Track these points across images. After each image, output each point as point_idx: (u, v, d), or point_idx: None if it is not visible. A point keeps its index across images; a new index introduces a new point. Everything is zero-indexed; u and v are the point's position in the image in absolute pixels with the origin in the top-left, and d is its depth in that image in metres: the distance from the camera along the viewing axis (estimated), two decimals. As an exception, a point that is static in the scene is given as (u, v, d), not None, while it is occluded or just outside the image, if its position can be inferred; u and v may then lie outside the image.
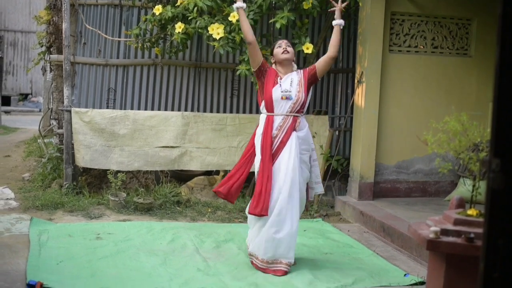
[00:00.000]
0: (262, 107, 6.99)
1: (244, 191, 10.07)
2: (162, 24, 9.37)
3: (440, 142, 4.38)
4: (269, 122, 6.85)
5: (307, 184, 7.09)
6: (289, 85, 6.90)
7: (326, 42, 10.65)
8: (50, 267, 6.49)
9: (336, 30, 7.22)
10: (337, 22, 7.22)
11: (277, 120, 6.84)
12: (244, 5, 6.98)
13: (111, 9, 10.33)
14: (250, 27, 7.01)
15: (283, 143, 6.78)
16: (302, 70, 7.11)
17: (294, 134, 6.81)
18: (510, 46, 2.29)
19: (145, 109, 10.34)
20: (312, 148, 7.09)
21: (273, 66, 7.08)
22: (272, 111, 6.88)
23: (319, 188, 7.23)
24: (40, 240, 7.43)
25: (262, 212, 6.66)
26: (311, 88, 7.13)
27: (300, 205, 6.89)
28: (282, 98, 6.83)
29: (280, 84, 6.89)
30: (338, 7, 7.25)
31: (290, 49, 7.04)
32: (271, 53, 7.11)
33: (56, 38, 10.73)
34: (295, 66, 7.17)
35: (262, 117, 6.99)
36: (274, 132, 6.81)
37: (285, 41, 7.13)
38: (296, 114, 6.87)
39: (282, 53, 7.00)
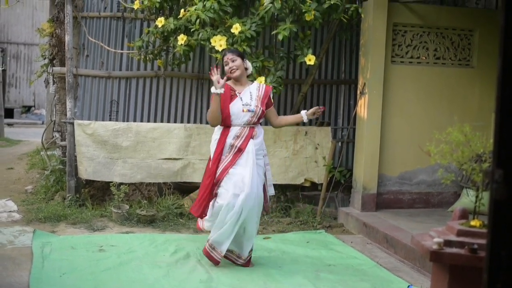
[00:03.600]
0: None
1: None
2: (164, 36, 9.39)
3: (443, 153, 4.38)
4: (225, 133, 7.14)
5: (265, 195, 7.37)
6: (249, 98, 7.20)
7: (328, 53, 10.71)
8: (53, 280, 6.50)
9: (298, 119, 7.62)
10: (304, 115, 7.45)
11: (234, 130, 7.12)
12: (222, 90, 7.02)
13: (113, 21, 10.35)
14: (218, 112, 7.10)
15: (240, 150, 7.05)
16: (263, 87, 7.39)
17: (251, 141, 7.11)
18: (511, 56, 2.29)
19: (148, 121, 10.34)
20: (265, 154, 7.33)
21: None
22: (229, 124, 7.14)
23: (271, 191, 7.51)
24: (43, 253, 7.43)
25: (202, 215, 7.23)
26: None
27: (258, 205, 7.10)
28: (243, 110, 7.12)
29: (241, 98, 7.17)
30: (317, 112, 7.48)
31: (236, 63, 7.20)
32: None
33: (59, 51, 10.74)
34: (250, 68, 7.42)
35: (218, 128, 7.25)
36: (231, 141, 7.08)
37: (229, 56, 7.27)
38: (253, 125, 7.18)
39: (231, 72, 7.21)
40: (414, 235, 4.63)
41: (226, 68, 7.23)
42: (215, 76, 6.96)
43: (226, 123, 7.14)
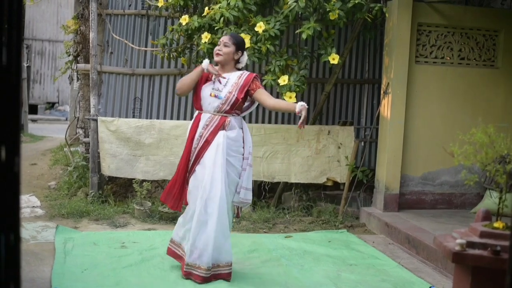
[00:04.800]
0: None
1: (268, 201, 10.08)
2: (188, 34, 9.41)
3: (466, 154, 4.36)
4: (196, 119, 6.71)
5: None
6: (223, 84, 6.68)
7: (352, 52, 10.68)
8: (75, 275, 6.53)
9: (290, 105, 6.73)
10: (298, 107, 6.46)
11: (204, 118, 6.65)
12: (207, 69, 6.67)
13: (138, 19, 10.38)
14: (190, 84, 6.79)
15: (207, 142, 6.57)
16: (246, 75, 6.76)
17: (222, 132, 6.56)
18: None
19: (171, 118, 10.37)
20: (249, 152, 6.76)
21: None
22: (201, 108, 6.71)
23: (243, 194, 6.69)
24: (65, 248, 7.47)
25: (173, 208, 6.79)
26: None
27: (227, 208, 6.54)
28: (210, 95, 6.63)
29: (214, 81, 6.69)
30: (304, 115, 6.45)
31: (225, 49, 6.70)
32: None
33: (83, 47, 10.80)
34: (243, 62, 6.89)
35: (195, 113, 6.84)
36: (201, 130, 6.62)
37: (225, 38, 6.77)
38: (225, 115, 6.63)
39: (216, 54, 6.76)
40: (436, 236, 4.61)
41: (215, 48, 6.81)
42: (212, 67, 6.68)
43: (198, 107, 6.77)
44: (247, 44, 8.66)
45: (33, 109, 27.18)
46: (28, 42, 28.43)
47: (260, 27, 8.71)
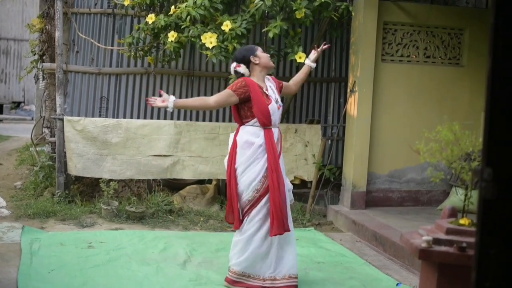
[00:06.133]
0: (254, 121, 6.35)
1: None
2: (155, 33, 9.37)
3: (432, 151, 4.38)
4: (270, 136, 6.33)
5: None
6: (273, 93, 6.51)
7: (318, 51, 10.67)
8: (41, 276, 6.48)
9: (305, 69, 7.09)
10: (310, 63, 7.10)
11: (275, 133, 6.40)
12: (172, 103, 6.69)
13: (104, 17, 10.32)
14: (200, 100, 6.90)
15: (279, 156, 6.38)
16: (271, 77, 6.75)
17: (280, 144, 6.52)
18: (501, 55, 2.30)
19: (138, 117, 10.32)
20: None
21: (249, 69, 6.60)
22: (270, 124, 6.36)
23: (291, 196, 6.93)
24: (32, 249, 7.41)
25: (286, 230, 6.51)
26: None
27: None
28: (278, 108, 6.42)
29: (270, 96, 6.44)
30: (317, 52, 7.13)
31: None
32: (251, 54, 6.58)
33: (49, 46, 10.71)
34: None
35: (255, 132, 6.38)
36: (275, 146, 6.33)
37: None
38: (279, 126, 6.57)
39: (272, 65, 6.71)
40: (403, 233, 4.64)
41: (264, 54, 6.68)
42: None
43: (268, 123, 6.34)
44: (214, 43, 8.65)
45: (-1, 109, 26.93)
46: (-8, 41, 28.16)
47: (226, 25, 8.69)
